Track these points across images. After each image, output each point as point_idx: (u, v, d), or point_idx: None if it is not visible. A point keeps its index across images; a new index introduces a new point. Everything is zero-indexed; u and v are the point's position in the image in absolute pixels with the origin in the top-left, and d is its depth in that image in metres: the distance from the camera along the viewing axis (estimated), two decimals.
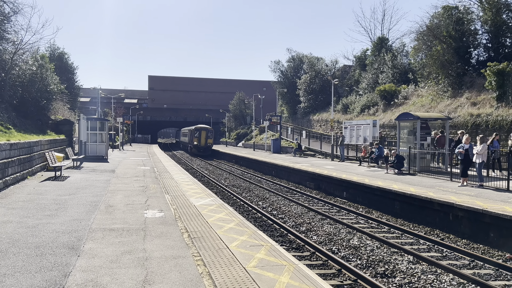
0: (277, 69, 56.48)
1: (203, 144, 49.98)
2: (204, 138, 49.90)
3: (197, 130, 50.42)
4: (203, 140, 49.98)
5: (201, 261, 6.44)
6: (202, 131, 50.10)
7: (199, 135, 49.94)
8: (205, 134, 50.00)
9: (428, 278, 8.44)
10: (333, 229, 12.80)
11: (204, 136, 49.91)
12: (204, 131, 50.25)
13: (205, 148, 50.04)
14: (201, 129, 50.59)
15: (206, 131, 50.39)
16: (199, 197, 13.05)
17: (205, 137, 49.90)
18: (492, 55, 26.60)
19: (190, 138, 53.65)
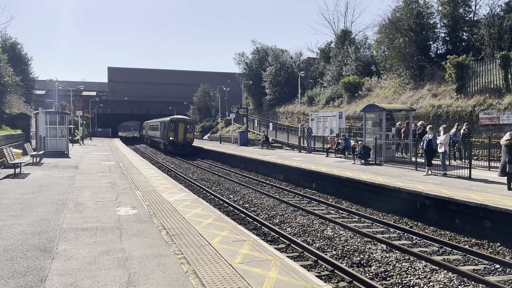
0: (242, 61, 56.24)
1: (181, 139, 40.49)
2: (183, 133, 40.44)
3: (173, 122, 40.59)
4: (181, 135, 40.46)
5: (184, 259, 6.29)
6: (180, 124, 40.65)
7: (176, 129, 40.26)
8: (183, 127, 40.60)
9: (403, 266, 8.71)
10: (306, 220, 12.93)
11: (182, 129, 40.48)
12: (182, 123, 40.75)
13: (184, 144, 40.51)
14: (178, 120, 41.04)
15: (185, 123, 40.99)
16: (172, 192, 12.78)
17: (184, 131, 40.48)
18: (450, 48, 27.73)
19: (163, 132, 42.60)
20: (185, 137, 40.52)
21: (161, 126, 44.55)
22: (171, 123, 40.50)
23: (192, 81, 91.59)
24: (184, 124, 40.83)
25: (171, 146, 40.63)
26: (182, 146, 40.36)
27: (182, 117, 43.38)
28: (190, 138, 41.06)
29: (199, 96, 72.45)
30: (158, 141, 48.30)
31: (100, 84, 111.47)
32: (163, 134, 42.57)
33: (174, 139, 40.22)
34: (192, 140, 41.50)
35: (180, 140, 40.43)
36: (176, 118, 41.56)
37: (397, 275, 8.25)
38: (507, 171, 12.11)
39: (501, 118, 18.31)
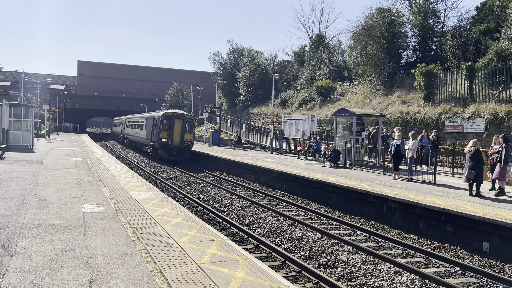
0: (217, 61, 56.01)
1: (178, 142, 30.19)
2: (180, 133, 30.31)
3: (167, 118, 30.52)
4: (178, 136, 30.27)
5: (150, 258, 6.17)
6: (177, 121, 30.36)
7: (171, 127, 30.12)
8: (181, 125, 30.45)
9: (368, 267, 8.89)
10: (276, 221, 12.99)
11: (179, 128, 30.36)
12: (179, 120, 30.53)
13: (181, 149, 30.36)
14: (174, 116, 30.64)
15: (183, 120, 30.73)
16: (140, 191, 12.54)
17: (181, 130, 30.41)
18: (420, 57, 28.62)
19: (152, 131, 32.28)
20: (183, 138, 30.17)
21: (148, 124, 34.10)
22: (165, 120, 30.29)
23: (165, 78, 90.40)
24: (182, 121, 30.52)
25: (163, 150, 30.18)
26: (179, 151, 30.06)
27: (179, 112, 32.51)
28: (189, 141, 30.69)
29: (172, 94, 71.62)
30: (142, 142, 37.55)
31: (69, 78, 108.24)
32: (152, 134, 32.03)
33: (168, 141, 29.95)
34: (191, 143, 31.00)
35: (176, 143, 30.13)
36: (172, 113, 31.12)
37: (362, 277, 8.41)
38: (468, 177, 12.57)
39: (465, 126, 19.02)
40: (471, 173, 12.35)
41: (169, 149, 30.07)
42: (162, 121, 30.21)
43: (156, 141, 30.81)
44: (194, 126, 31.69)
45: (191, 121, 31.32)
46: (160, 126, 30.18)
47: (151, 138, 32.54)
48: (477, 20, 27.00)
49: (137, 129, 39.78)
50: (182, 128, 30.42)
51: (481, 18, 26.60)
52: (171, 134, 30.01)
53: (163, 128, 30.14)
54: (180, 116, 31.03)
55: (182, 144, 30.23)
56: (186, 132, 30.47)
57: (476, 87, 20.02)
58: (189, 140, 30.70)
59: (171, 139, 29.99)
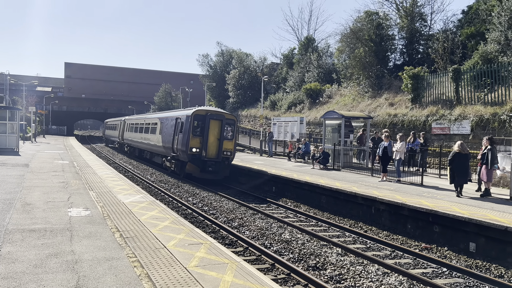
0: (206, 63, 55.94)
1: (214, 153, 21.32)
2: (217, 140, 21.38)
3: (199, 118, 21.37)
4: (215, 145, 21.36)
5: (137, 262, 6.10)
6: (213, 123, 21.38)
7: (204, 132, 21.11)
8: (218, 128, 21.45)
9: (357, 269, 8.92)
10: (265, 223, 12.97)
11: (216, 133, 21.41)
12: (217, 122, 21.47)
13: (218, 163, 21.38)
14: (210, 116, 21.31)
15: (222, 122, 21.53)
16: (128, 194, 12.42)
17: (220, 136, 21.40)
18: (407, 59, 28.94)
19: (174, 138, 23.16)
20: (221, 148, 21.08)
21: (166, 126, 24.90)
22: (196, 121, 21.14)
23: (154, 80, 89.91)
24: (220, 123, 21.21)
25: (194, 165, 21.07)
26: (215, 166, 21.13)
27: (216, 110, 22.91)
28: (230, 151, 21.55)
29: (161, 96, 71.24)
30: (155, 152, 28.21)
31: (56, 80, 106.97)
32: (174, 141, 22.78)
33: (201, 151, 20.83)
34: (232, 154, 21.84)
35: (212, 155, 21.09)
36: (206, 112, 21.42)
37: (351, 278, 8.43)
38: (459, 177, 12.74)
39: (451, 128, 19.27)
40: (470, 174, 12.55)
41: (202, 164, 20.82)
42: (192, 122, 20.92)
43: (182, 151, 21.33)
44: (235, 131, 22.30)
45: (232, 123, 21.71)
46: (189, 130, 20.84)
47: (172, 147, 23.05)
48: (464, 24, 27.42)
49: (146, 133, 29.90)
50: (220, 132, 21.10)
51: (467, 22, 27.01)
52: (205, 141, 20.73)
53: (194, 132, 20.90)
54: (218, 115, 21.31)
55: (220, 156, 20.92)
56: (226, 139, 21.21)
57: (462, 89, 20.31)
58: (229, 150, 21.40)
59: (204, 149, 20.63)
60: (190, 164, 21.31)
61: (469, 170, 12.71)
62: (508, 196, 12.54)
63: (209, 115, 21.17)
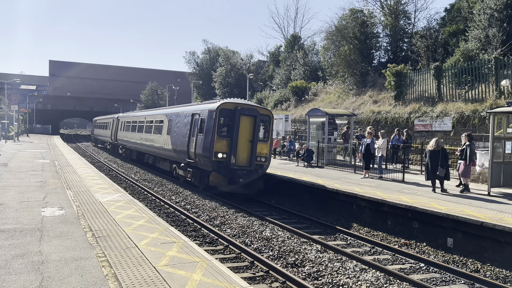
0: (192, 60, 55.61)
1: (246, 159, 16.29)
2: (249, 142, 16.25)
3: (226, 114, 16.32)
4: (246, 149, 16.27)
5: (106, 262, 5.97)
6: (245, 119, 16.18)
7: (234, 132, 15.98)
8: (251, 127, 16.31)
9: (335, 265, 8.90)
10: (247, 221, 12.90)
11: (248, 133, 16.25)
12: (249, 118, 16.28)
13: (251, 172, 16.27)
14: (240, 111, 16.02)
15: (255, 119, 16.28)
16: (106, 193, 12.23)
17: (252, 137, 16.23)
18: (391, 57, 29.11)
19: (190, 139, 17.91)
20: (254, 153, 16.28)
21: (178, 125, 19.86)
22: (223, 117, 16.43)
23: (140, 78, 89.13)
24: (253, 120, 16.37)
25: (220, 175, 16.16)
26: (247, 176, 16.32)
27: (248, 104, 17.54)
28: (265, 157, 16.74)
29: (147, 94, 70.67)
30: (162, 156, 22.67)
31: (41, 78, 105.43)
32: (192, 143, 17.61)
33: (230, 157, 16.06)
34: (268, 160, 16.99)
35: (243, 162, 16.33)
36: (235, 105, 16.48)
37: (329, 275, 8.40)
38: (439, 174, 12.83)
39: (433, 125, 19.42)
40: (442, 170, 12.60)
41: (231, 173, 15.90)
42: (218, 120, 16.02)
43: (204, 157, 16.21)
44: (271, 130, 17.10)
45: (267, 120, 16.80)
46: (213, 130, 15.88)
47: (187, 151, 17.67)
48: (446, 22, 27.66)
49: (148, 133, 24.98)
50: (254, 132, 16.06)
51: (450, 20, 27.25)
52: (235, 144, 15.79)
53: (219, 133, 16.01)
54: (251, 110, 16.19)
55: (253, 164, 16.04)
56: (260, 141, 16.34)
57: (444, 87, 20.47)
58: (264, 155, 16.47)
59: (234, 155, 15.81)
60: (214, 174, 15.91)
61: (447, 167, 12.79)
62: (486, 191, 12.66)
63: (239, 109, 15.84)
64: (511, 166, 13.13)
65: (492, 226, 8.99)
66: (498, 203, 11.31)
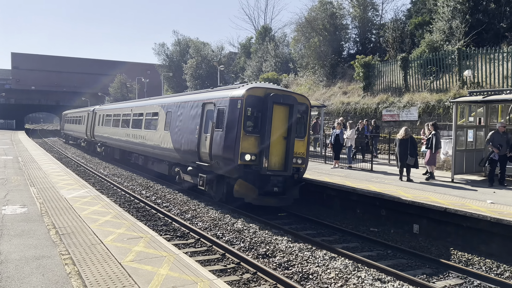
0: (162, 52, 54.70)
1: (280, 162, 12.38)
2: (283, 141, 12.32)
3: (255, 103, 12.18)
4: (280, 150, 12.35)
5: (70, 259, 5.79)
6: (279, 109, 12.17)
7: (264, 126, 12.01)
8: (285, 119, 12.35)
9: (305, 254, 8.99)
10: (218, 214, 12.85)
11: (282, 128, 12.30)
12: (284, 108, 12.29)
13: (286, 179, 12.64)
14: (272, 98, 11.96)
15: (291, 109, 12.30)
16: (72, 189, 11.87)
17: (286, 133, 12.31)
18: (360, 49, 29.52)
19: (200, 136, 13.91)
20: (290, 153, 12.36)
21: (185, 119, 15.59)
22: (250, 107, 12.23)
23: (109, 71, 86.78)
24: (288, 110, 12.40)
25: (248, 183, 12.23)
26: (283, 182, 12.68)
27: (282, 89, 13.96)
28: (301, 157, 12.91)
29: (116, 87, 69.05)
30: (157, 157, 18.88)
31: (3, 71, 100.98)
32: (206, 143, 13.51)
33: (259, 160, 12.22)
34: (305, 162, 13.14)
35: (277, 165, 12.43)
36: (266, 91, 12.38)
37: (299, 264, 8.49)
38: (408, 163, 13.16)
39: (400, 115, 19.88)
40: (411, 159, 12.92)
41: (263, 181, 12.44)
42: (244, 110, 12.19)
43: (225, 160, 12.55)
44: (308, 123, 13.43)
45: (304, 110, 13.12)
46: (238, 124, 12.17)
47: (198, 152, 14.02)
48: (412, 13, 28.25)
49: (137, 128, 21.19)
50: (290, 127, 12.42)
51: (416, 12, 27.85)
52: (266, 143, 12.10)
53: (246, 128, 12.28)
54: (286, 97, 12.48)
55: (289, 167, 12.44)
56: (297, 138, 12.60)
57: (410, 77, 20.96)
58: (301, 155, 12.89)
59: (266, 156, 12.12)
60: (241, 183, 12.17)
61: (416, 155, 13.14)
62: (450, 178, 13.09)
63: (272, 96, 11.97)
64: (473, 154, 13.63)
65: (454, 212, 9.31)
66: (461, 189, 11.73)
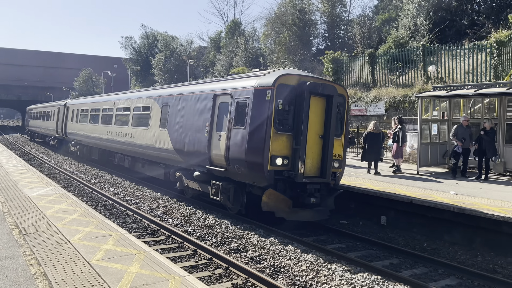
0: (129, 46, 53.48)
1: (317, 168, 10.08)
2: (319, 140, 10.03)
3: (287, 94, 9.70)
4: (316, 152, 10.02)
5: (34, 260, 5.59)
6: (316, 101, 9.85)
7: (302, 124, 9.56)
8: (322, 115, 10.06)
9: (276, 248, 9.07)
10: (189, 210, 12.75)
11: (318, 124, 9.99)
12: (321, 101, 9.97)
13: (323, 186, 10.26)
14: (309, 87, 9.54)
15: (330, 100, 9.94)
16: (36, 187, 11.45)
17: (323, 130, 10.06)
18: (329, 44, 29.93)
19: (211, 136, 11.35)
20: (328, 156, 10.02)
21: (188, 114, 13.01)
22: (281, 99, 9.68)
23: (73, 65, 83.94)
24: (326, 103, 10.08)
25: (279, 194, 9.89)
26: (320, 192, 10.16)
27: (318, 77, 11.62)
28: (339, 160, 10.59)
29: (81, 82, 66.94)
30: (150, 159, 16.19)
31: None
32: (220, 144, 10.94)
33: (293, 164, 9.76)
34: (342, 166, 10.75)
35: (312, 170, 10.06)
36: (300, 79, 9.88)
37: (271, 258, 8.55)
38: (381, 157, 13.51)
39: (368, 109, 20.34)
40: (383, 152, 13.26)
41: (297, 190, 10.10)
42: (275, 103, 9.63)
43: (251, 166, 9.97)
44: (345, 117, 11.08)
45: (341, 102, 10.79)
46: (268, 120, 9.59)
47: (209, 154, 11.51)
48: (379, 10, 28.88)
49: (122, 125, 18.55)
50: (328, 123, 10.11)
51: (382, 8, 28.49)
52: (303, 143, 9.68)
53: (277, 125, 9.74)
54: (324, 87, 10.00)
55: (327, 172, 10.12)
56: (337, 136, 10.57)
57: (378, 73, 21.46)
58: (337, 158, 10.61)
59: (302, 159, 9.63)
60: (272, 193, 9.89)
61: (381, 149, 13.49)
62: (415, 171, 13.53)
63: (309, 85, 9.65)
64: (437, 147, 14.13)
65: (420, 203, 9.63)
66: (426, 181, 12.14)
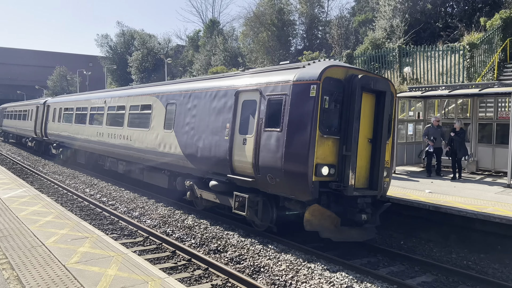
0: (105, 44, 52.55)
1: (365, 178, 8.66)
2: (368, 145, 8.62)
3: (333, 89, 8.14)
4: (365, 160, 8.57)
5: (7, 264, 5.41)
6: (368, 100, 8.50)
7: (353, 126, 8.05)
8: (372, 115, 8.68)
9: (256, 248, 9.09)
10: (168, 211, 12.63)
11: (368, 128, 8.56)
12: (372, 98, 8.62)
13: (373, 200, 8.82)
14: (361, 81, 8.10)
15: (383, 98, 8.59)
16: (8, 188, 11.11)
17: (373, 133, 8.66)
18: (307, 44, 30.19)
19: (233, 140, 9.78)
20: (380, 164, 8.61)
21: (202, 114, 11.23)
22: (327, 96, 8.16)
23: (47, 62, 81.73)
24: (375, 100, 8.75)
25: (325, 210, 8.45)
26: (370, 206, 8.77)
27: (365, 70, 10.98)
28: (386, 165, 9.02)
29: (55, 80, 65.32)
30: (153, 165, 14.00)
31: None
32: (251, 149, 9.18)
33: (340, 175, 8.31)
34: (389, 173, 9.36)
35: (361, 180, 8.60)
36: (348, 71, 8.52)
37: (250, 258, 8.57)
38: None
39: None
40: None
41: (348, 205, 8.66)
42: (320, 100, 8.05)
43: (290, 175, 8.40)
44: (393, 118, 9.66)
45: (391, 101, 9.00)
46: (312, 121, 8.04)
47: (230, 161, 9.94)
48: (356, 11, 29.32)
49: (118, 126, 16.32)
50: (380, 124, 8.71)
51: (359, 9, 28.93)
52: (354, 149, 8.21)
53: (323, 127, 8.19)
54: (377, 82, 8.59)
55: (379, 184, 8.68)
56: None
57: None
58: (386, 164, 9.04)
59: (352, 169, 8.17)
60: (317, 209, 8.44)
61: None
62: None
63: (360, 79, 8.27)
64: (413, 146, 14.44)
65: (396, 202, 9.82)
66: (402, 180, 12.40)
